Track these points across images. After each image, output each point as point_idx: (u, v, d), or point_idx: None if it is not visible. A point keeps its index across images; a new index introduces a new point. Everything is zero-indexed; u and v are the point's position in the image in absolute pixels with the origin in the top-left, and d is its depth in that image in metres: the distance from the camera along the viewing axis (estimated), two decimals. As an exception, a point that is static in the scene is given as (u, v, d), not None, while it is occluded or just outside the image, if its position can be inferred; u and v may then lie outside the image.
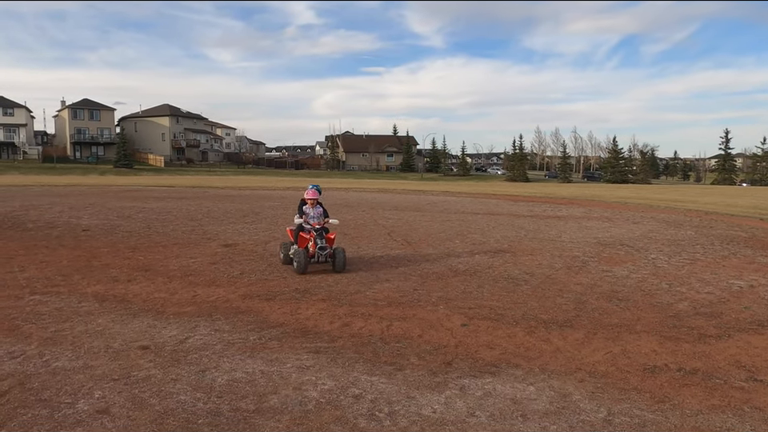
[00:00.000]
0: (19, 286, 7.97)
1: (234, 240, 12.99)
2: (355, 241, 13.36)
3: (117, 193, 29.72)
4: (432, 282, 8.94)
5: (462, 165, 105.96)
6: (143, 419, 3.99)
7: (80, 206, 20.88)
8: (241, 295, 7.76)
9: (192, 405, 4.25)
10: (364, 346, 5.74)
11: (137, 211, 19.16)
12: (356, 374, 4.94)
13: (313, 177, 74.43)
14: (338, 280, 8.89)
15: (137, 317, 6.59)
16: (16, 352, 5.28)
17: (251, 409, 4.20)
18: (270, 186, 43.95)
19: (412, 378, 4.90)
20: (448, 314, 7.03)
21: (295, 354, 5.44)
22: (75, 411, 4.09)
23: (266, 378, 4.80)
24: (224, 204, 23.61)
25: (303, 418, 4.06)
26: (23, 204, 20.85)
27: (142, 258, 10.47)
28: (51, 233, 13.30)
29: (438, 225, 17.51)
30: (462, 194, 38.53)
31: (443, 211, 23.11)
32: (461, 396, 4.52)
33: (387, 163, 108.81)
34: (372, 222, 17.72)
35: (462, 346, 5.82)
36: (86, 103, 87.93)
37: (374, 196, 33.57)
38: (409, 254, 11.58)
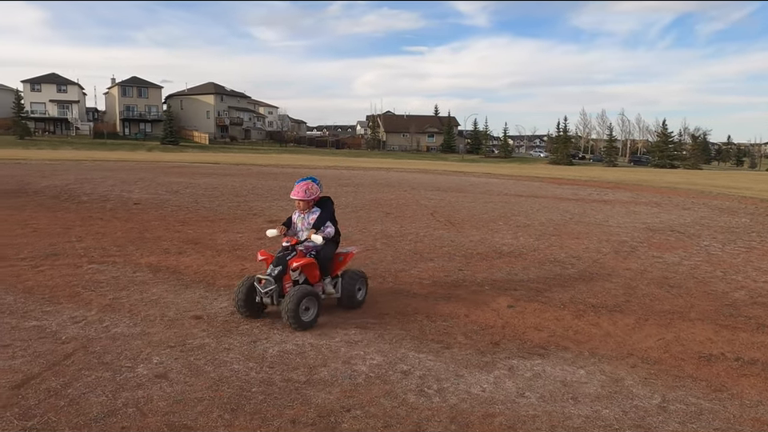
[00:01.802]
0: (78, 255, 8.30)
1: (279, 216, 13.17)
2: (398, 220, 13.37)
3: (164, 168, 30.51)
4: (476, 262, 8.88)
5: (504, 146, 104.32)
6: (199, 385, 4.12)
7: (130, 180, 21.54)
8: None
9: (245, 374, 4.36)
10: (410, 323, 5.76)
11: (184, 186, 19.64)
12: (404, 351, 4.97)
13: (353, 156, 74.63)
14: (383, 258, 8.93)
15: (189, 288, 6.78)
16: (78, 317, 5.51)
17: (302, 380, 4.29)
18: (311, 164, 44.33)
19: (460, 356, 4.90)
20: (494, 294, 6.98)
21: (343, 328, 5.51)
22: (135, 375, 4.25)
23: (315, 351, 4.88)
24: (267, 181, 23.96)
25: (353, 391, 4.12)
26: (77, 178, 21.64)
27: (191, 231, 10.74)
28: (105, 205, 13.77)
29: (481, 206, 17.34)
30: (504, 176, 38.00)
31: (485, 193, 22.87)
32: (510, 376, 4.50)
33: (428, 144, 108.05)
34: (414, 202, 17.68)
35: (508, 327, 5.77)
36: (134, 81, 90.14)
37: (415, 176, 33.45)
38: (452, 235, 11.51)
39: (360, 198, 18.26)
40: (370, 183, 25.52)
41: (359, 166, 44.21)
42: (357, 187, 22.86)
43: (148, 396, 3.91)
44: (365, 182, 25.89)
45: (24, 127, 69.17)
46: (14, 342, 4.78)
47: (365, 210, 15.22)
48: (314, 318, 5.45)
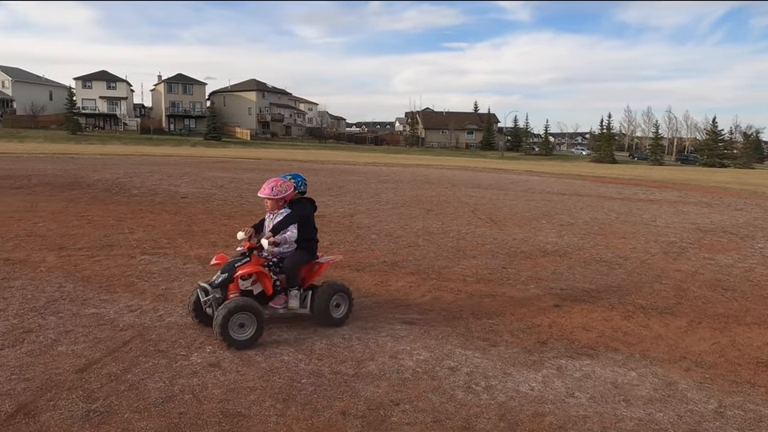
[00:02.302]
0: (130, 246, 8.59)
1: (321, 212, 13.29)
2: (439, 217, 13.33)
3: (208, 163, 31.20)
4: (520, 261, 8.79)
5: (545, 144, 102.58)
6: (251, 375, 4.22)
7: (177, 174, 22.11)
8: (331, 265, 7.96)
9: (295, 365, 4.44)
10: (456, 320, 5.75)
11: (228, 181, 20.05)
12: (450, 347, 4.97)
13: (392, 153, 74.68)
14: (425, 254, 8.93)
15: (237, 280, 6.93)
16: (133, 306, 5.71)
17: (350, 373, 4.34)
18: (350, 160, 44.59)
19: (507, 354, 4.87)
20: (539, 293, 6.91)
21: (389, 323, 5.55)
22: (190, 363, 4.39)
23: (362, 345, 4.93)
24: (308, 177, 24.05)
25: (401, 386, 4.15)
26: (127, 172, 22.35)
27: (236, 225, 10.95)
28: (154, 199, 14.19)
29: (523, 204, 17.12)
30: (545, 174, 37.41)
31: (527, 191, 22.57)
32: (558, 376, 4.45)
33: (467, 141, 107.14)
34: (455, 200, 17.59)
35: (555, 326, 5.70)
36: (179, 78, 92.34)
37: (455, 173, 33.26)
38: (494, 232, 11.42)
39: (400, 195, 18.28)
40: (409, 180, 25.51)
41: (398, 163, 44.24)
42: (397, 184, 22.89)
43: (203, 383, 4.03)
44: (404, 179, 25.89)
45: (75, 123, 71.75)
46: (76, 328, 5.00)
47: (405, 206, 15.24)
48: (250, 336, 4.69)
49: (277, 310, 5.18)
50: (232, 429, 3.44)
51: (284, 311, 5.21)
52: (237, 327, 4.66)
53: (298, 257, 5.27)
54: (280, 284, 5.20)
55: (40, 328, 4.95)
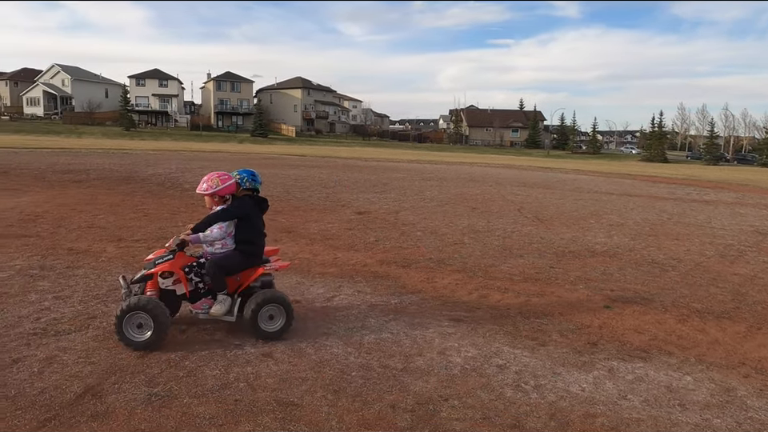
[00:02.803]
0: (184, 239, 8.88)
1: (367, 208, 13.44)
2: (485, 215, 13.24)
3: (255, 160, 31.83)
4: (568, 260, 8.65)
5: (593, 142, 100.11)
6: (303, 366, 4.32)
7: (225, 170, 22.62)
8: (378, 261, 8.05)
9: (344, 358, 4.52)
10: (503, 318, 5.73)
11: (275, 177, 20.42)
12: (498, 345, 4.96)
13: (435, 150, 74.37)
14: (471, 252, 8.90)
15: (285, 274, 7.07)
16: (189, 296, 5.92)
17: (399, 367, 4.39)
18: (394, 158, 44.67)
19: (556, 354, 4.82)
20: (589, 294, 6.79)
21: (436, 320, 5.57)
22: (244, 352, 4.53)
23: (410, 340, 4.97)
24: (353, 174, 24.42)
25: (450, 382, 4.17)
26: (178, 167, 23.05)
27: (284, 220, 11.18)
28: (204, 193, 14.59)
29: (570, 203, 16.81)
30: (593, 173, 36.55)
31: (574, 190, 22.13)
32: (610, 378, 4.38)
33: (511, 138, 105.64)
34: (500, 198, 17.42)
35: (606, 327, 5.60)
36: (228, 76, 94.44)
37: (499, 171, 32.89)
38: (541, 231, 11.26)
39: (445, 193, 18.22)
40: (453, 178, 25.39)
41: (442, 161, 44.05)
42: (441, 182, 22.81)
43: (256, 372, 4.16)
44: (448, 177, 25.78)
45: (130, 119, 74.37)
46: (136, 316, 5.21)
47: (450, 204, 15.19)
48: (148, 339, 4.40)
49: (198, 314, 4.83)
50: (286, 417, 3.55)
51: (204, 316, 4.81)
52: (134, 327, 4.43)
53: (225, 259, 4.85)
54: (204, 286, 4.83)
55: (103, 315, 5.20)
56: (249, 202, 5.08)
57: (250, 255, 4.95)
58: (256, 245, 5.02)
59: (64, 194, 13.24)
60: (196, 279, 4.81)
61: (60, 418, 3.39)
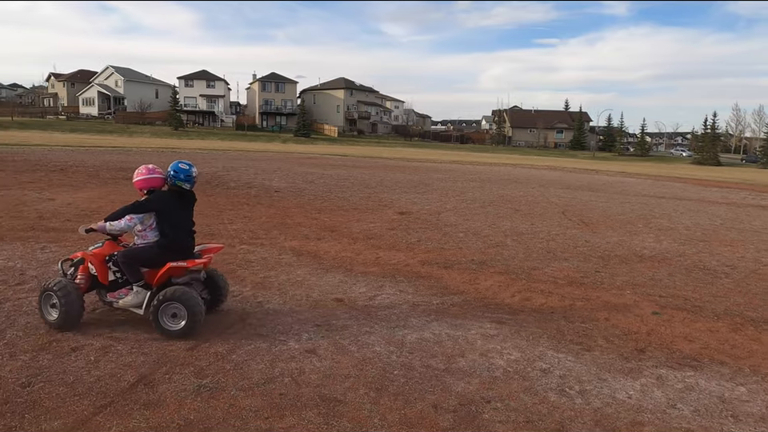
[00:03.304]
0: (230, 236, 9.11)
1: (408, 209, 13.45)
2: (528, 217, 13.06)
3: (298, 159, 32.28)
4: (615, 265, 8.45)
5: (641, 144, 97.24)
6: (346, 363, 4.38)
7: (269, 169, 23.07)
8: (420, 261, 8.05)
9: (387, 356, 4.55)
10: (547, 322, 5.65)
11: (318, 177, 20.67)
12: (541, 349, 4.90)
13: (477, 151, 73.76)
14: (514, 255, 8.80)
15: (329, 272, 7.18)
16: (235, 292, 6.07)
17: (441, 368, 4.39)
18: (436, 158, 44.53)
19: (602, 360, 4.73)
20: (636, 299, 6.62)
21: (478, 321, 5.54)
22: (288, 348, 4.62)
23: (452, 341, 4.97)
24: (394, 174, 24.47)
25: (492, 384, 4.15)
26: (224, 166, 23.61)
27: (327, 219, 11.32)
28: (250, 192, 14.92)
29: (617, 207, 16.40)
30: (641, 176, 35.55)
31: (620, 193, 21.58)
32: (658, 386, 4.27)
33: (556, 140, 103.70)
34: (544, 200, 17.15)
35: (654, 334, 5.46)
36: (273, 77, 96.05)
37: (543, 173, 32.36)
38: (586, 235, 11.04)
39: (487, 194, 18.06)
40: (496, 179, 25.13)
41: (484, 162, 43.66)
42: (483, 183, 22.62)
43: (300, 368, 4.23)
44: (491, 178, 25.54)
45: (178, 119, 76.57)
46: (185, 310, 5.38)
47: (493, 206, 15.05)
48: (56, 320, 4.60)
49: (111, 302, 4.94)
50: (329, 413, 3.60)
51: (117, 305, 4.90)
52: (48, 307, 4.70)
53: (136, 251, 4.92)
54: (122, 276, 4.89)
55: (154, 308, 5.38)
56: (165, 197, 5.02)
57: (165, 249, 4.89)
58: (171, 239, 4.93)
59: (116, 191, 13.75)
60: (114, 269, 4.91)
61: (115, 405, 3.54)
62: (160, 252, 4.88)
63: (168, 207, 4.98)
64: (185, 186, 5.04)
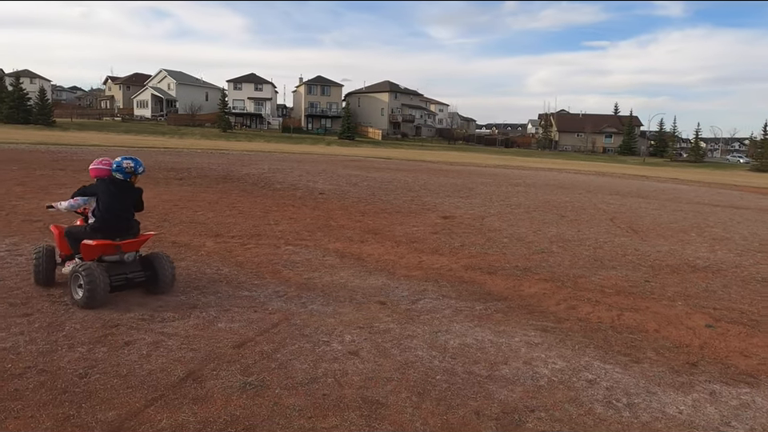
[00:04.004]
0: (276, 236, 9.28)
1: (452, 213, 13.38)
2: (574, 224, 12.80)
3: (342, 162, 32.59)
4: (666, 275, 8.19)
5: (695, 149, 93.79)
6: (388, 366, 4.39)
7: (314, 171, 23.38)
8: (463, 266, 8.00)
9: (429, 361, 4.55)
10: (594, 332, 5.52)
11: (361, 179, 20.81)
12: (588, 359, 4.79)
13: (522, 156, 72.76)
14: (560, 262, 8.64)
15: (372, 274, 7.22)
16: (280, 292, 6.18)
17: (484, 374, 4.35)
18: (480, 162, 44.15)
19: (651, 372, 4.59)
20: (688, 311, 6.39)
21: (522, 329, 5.47)
22: (331, 349, 4.67)
23: (495, 348, 4.92)
24: (438, 178, 24.39)
25: (536, 393, 4.09)
26: (270, 167, 24.05)
27: (370, 222, 11.38)
28: (295, 193, 15.16)
29: (669, 214, 15.87)
30: (694, 183, 34.32)
31: (672, 200, 20.88)
32: (711, 402, 4.11)
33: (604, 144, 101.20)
34: (591, 206, 16.76)
35: (707, 348, 5.26)
36: (318, 80, 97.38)
37: (591, 179, 31.63)
38: (636, 243, 10.73)
39: (532, 199, 17.79)
40: (541, 184, 24.71)
41: (529, 166, 43.01)
42: (528, 188, 22.29)
43: (343, 370, 4.27)
44: (536, 183, 25.14)
45: (227, 121, 78.59)
46: (232, 308, 5.52)
47: (538, 211, 14.81)
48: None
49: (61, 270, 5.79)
50: (371, 415, 3.62)
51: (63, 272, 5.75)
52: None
53: (73, 228, 5.79)
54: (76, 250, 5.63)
55: (203, 305, 5.54)
56: (103, 184, 5.67)
57: (95, 229, 5.57)
58: (101, 221, 5.58)
59: (168, 190, 14.20)
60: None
61: (165, 399, 3.66)
62: (91, 231, 5.58)
63: (103, 194, 5.61)
64: (118, 176, 5.70)
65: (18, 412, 3.39)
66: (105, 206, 5.59)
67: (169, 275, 5.74)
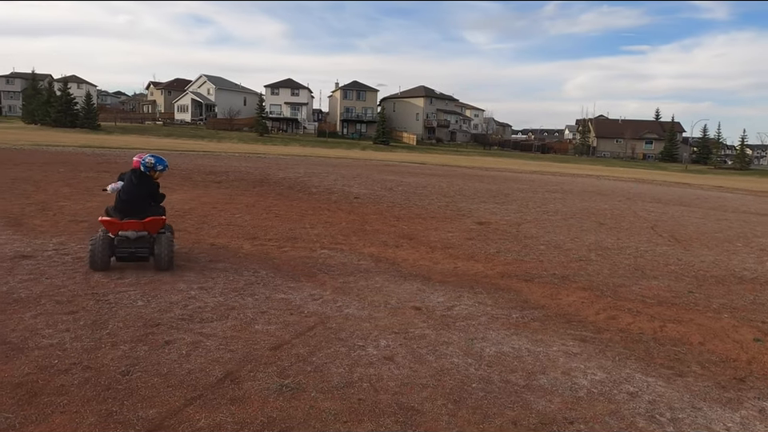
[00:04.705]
0: (311, 240, 9.35)
1: (487, 219, 13.26)
2: (614, 232, 12.52)
3: (377, 166, 32.68)
4: (711, 286, 7.92)
5: (740, 156, 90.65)
6: (423, 372, 4.36)
7: (349, 176, 23.51)
8: (499, 273, 7.91)
9: (464, 368, 4.50)
10: (635, 343, 5.37)
11: (396, 184, 20.82)
12: (629, 371, 4.66)
13: (559, 162, 71.62)
14: (599, 270, 8.46)
15: (407, 280, 7.20)
16: (316, 295, 6.22)
17: (521, 384, 4.28)
18: (515, 168, 43.67)
19: (696, 387, 4.43)
20: (735, 324, 6.16)
21: (560, 338, 5.36)
22: (367, 354, 4.67)
23: (532, 357, 4.83)
24: (473, 183, 24.21)
25: (575, 404, 3.99)
26: (306, 171, 24.29)
27: (405, 227, 11.36)
28: (330, 197, 15.27)
29: (713, 223, 15.37)
30: (740, 191, 33.19)
31: (717, 208, 20.22)
32: (761, 419, 3.94)
33: (644, 151, 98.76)
34: (631, 214, 16.37)
35: (756, 363, 5.05)
36: (354, 85, 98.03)
37: (630, 186, 30.92)
38: (678, 252, 10.42)
39: (569, 206, 17.48)
40: (579, 191, 24.27)
41: (566, 172, 42.32)
42: (565, 194, 21.92)
43: (379, 375, 4.26)
44: (574, 190, 24.70)
45: (264, 126, 79.83)
46: (269, 310, 5.58)
47: (575, 218, 14.54)
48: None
49: None
50: (407, 421, 3.60)
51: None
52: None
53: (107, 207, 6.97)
54: None
55: (240, 307, 5.62)
56: (127, 175, 6.83)
57: (112, 209, 6.74)
58: (117, 202, 6.72)
59: (207, 193, 14.48)
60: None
61: (204, 399, 3.72)
62: (110, 211, 6.74)
63: (126, 181, 6.77)
64: (142, 169, 6.82)
65: (63, 407, 3.49)
66: (123, 191, 6.70)
67: (165, 255, 6.56)
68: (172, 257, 6.71)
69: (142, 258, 6.61)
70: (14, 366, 3.97)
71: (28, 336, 4.53)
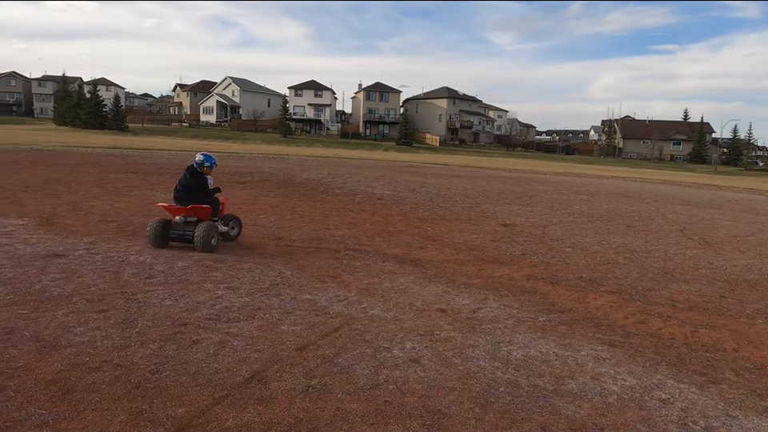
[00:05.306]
0: (336, 241, 9.37)
1: (512, 220, 13.14)
2: (641, 234, 12.30)
3: (400, 168, 32.65)
4: (744, 290, 7.73)
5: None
6: (450, 375, 4.33)
7: (372, 177, 23.53)
8: (525, 275, 7.82)
9: (491, 372, 4.45)
10: (666, 348, 5.26)
11: (419, 186, 20.77)
12: (660, 377, 4.57)
13: (584, 163, 70.70)
14: (627, 273, 8.31)
15: (432, 281, 7.17)
16: (341, 296, 6.22)
17: (549, 388, 4.22)
18: (539, 169, 43.23)
19: (730, 394, 4.32)
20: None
21: (588, 342, 5.27)
22: (392, 356, 4.65)
23: (560, 361, 4.76)
24: (497, 184, 24.03)
25: (605, 410, 3.92)
26: (330, 172, 24.39)
27: (429, 228, 11.32)
28: (353, 198, 15.29)
29: (744, 226, 15.00)
30: (773, 193, 32.27)
31: (748, 211, 19.74)
32: (800, 429, 3.82)
33: (672, 152, 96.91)
34: (659, 216, 16.06)
35: (793, 371, 4.90)
36: (377, 86, 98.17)
37: (657, 188, 30.36)
38: (709, 256, 10.19)
39: (596, 208, 17.23)
40: (605, 192, 23.92)
41: (592, 174, 41.76)
42: (591, 196, 21.62)
43: (404, 377, 4.24)
44: (600, 191, 24.35)
45: (287, 127, 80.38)
46: (295, 311, 5.60)
47: (602, 220, 14.33)
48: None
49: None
50: (434, 425, 3.57)
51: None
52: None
53: None
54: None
55: (266, 307, 5.65)
56: (186, 170, 7.96)
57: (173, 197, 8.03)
58: (173, 192, 8.03)
59: (232, 194, 14.61)
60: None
61: (231, 398, 3.74)
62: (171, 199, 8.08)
63: (182, 175, 7.96)
64: (194, 165, 7.96)
65: (95, 404, 3.54)
66: (178, 183, 7.93)
67: (199, 239, 7.57)
68: (208, 241, 7.62)
69: (188, 240, 7.71)
70: (47, 363, 4.05)
71: (60, 333, 4.62)
